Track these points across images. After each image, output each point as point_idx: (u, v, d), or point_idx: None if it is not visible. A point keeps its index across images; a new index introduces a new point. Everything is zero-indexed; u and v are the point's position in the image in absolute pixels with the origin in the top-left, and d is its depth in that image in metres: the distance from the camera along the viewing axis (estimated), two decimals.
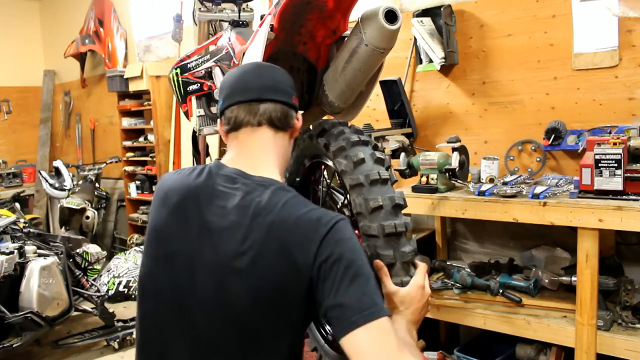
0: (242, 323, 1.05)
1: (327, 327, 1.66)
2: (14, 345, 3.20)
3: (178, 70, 2.22)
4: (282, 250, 1.02)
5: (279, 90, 1.19)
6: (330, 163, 1.44)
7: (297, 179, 1.67)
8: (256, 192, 1.09)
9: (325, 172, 1.73)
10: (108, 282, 4.56)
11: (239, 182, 1.12)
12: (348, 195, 1.59)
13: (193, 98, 2.25)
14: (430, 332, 3.09)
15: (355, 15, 1.49)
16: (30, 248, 3.44)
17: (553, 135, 2.62)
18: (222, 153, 4.11)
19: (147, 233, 1.18)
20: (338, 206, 1.63)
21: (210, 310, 1.07)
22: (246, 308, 1.04)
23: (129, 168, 5.69)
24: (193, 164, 3.14)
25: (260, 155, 1.18)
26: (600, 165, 2.08)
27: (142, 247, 1.66)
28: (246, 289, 1.04)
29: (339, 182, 1.74)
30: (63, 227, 5.01)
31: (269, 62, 1.63)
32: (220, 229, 1.08)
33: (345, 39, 1.50)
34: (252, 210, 1.06)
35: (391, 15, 1.34)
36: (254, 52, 1.52)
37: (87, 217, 4.97)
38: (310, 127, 1.59)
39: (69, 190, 5.10)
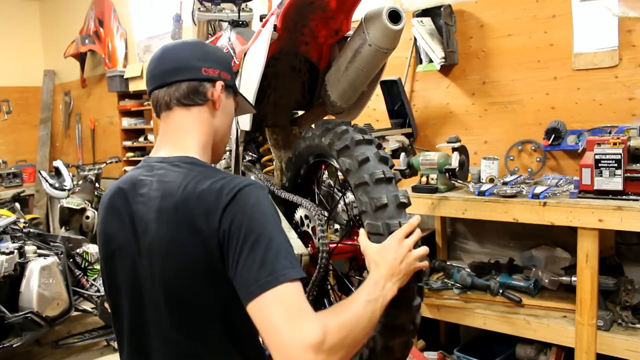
0: (177, 302, 1.09)
1: None
2: (14, 345, 3.19)
3: None
4: (191, 226, 1.05)
5: (181, 70, 1.20)
6: (333, 162, 1.44)
7: (299, 179, 1.67)
8: (169, 174, 1.13)
9: (326, 172, 1.73)
10: None
11: (155, 168, 1.17)
12: (349, 195, 1.60)
13: None
14: (430, 332, 3.09)
15: (358, 15, 1.49)
16: (30, 248, 3.44)
17: (553, 135, 2.62)
18: None
19: (97, 238, 1.25)
20: (339, 206, 1.63)
21: (153, 296, 1.12)
22: (177, 287, 1.09)
23: (129, 168, 5.69)
24: None
25: (176, 136, 1.21)
26: (600, 165, 2.09)
27: None
28: (171, 269, 1.08)
29: (339, 182, 1.74)
30: (63, 227, 5.01)
31: (271, 62, 1.64)
32: (142, 216, 1.13)
33: (348, 39, 1.50)
34: (163, 193, 1.10)
35: (394, 16, 1.34)
36: (257, 52, 1.52)
37: (87, 217, 4.96)
38: (313, 126, 1.59)
39: (69, 190, 5.10)
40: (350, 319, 1.01)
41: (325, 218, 1.64)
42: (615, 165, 2.06)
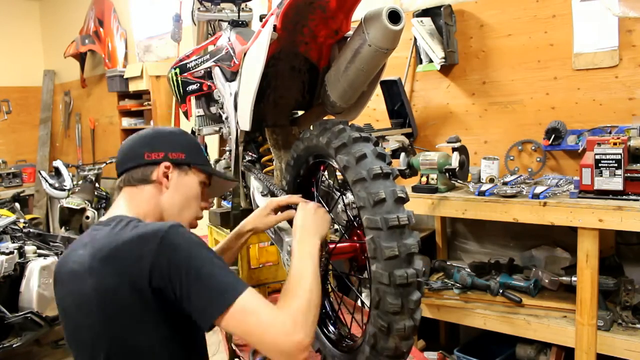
0: (114, 351, 1.17)
1: (331, 327, 1.66)
2: (14, 345, 3.20)
3: (177, 70, 2.22)
4: (120, 279, 1.12)
5: (127, 159, 1.36)
6: (331, 161, 1.45)
7: (298, 180, 1.67)
8: (99, 233, 1.22)
9: (325, 173, 1.73)
10: None
11: (92, 230, 1.28)
12: (349, 194, 1.60)
13: (192, 98, 2.25)
14: (430, 332, 3.09)
15: (357, 15, 1.49)
16: (30, 248, 3.44)
17: (553, 135, 2.62)
18: (221, 153, 4.12)
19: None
20: (339, 206, 1.63)
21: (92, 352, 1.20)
22: (114, 340, 1.16)
23: None
24: None
25: (118, 208, 1.34)
26: (600, 165, 2.09)
27: None
28: (104, 328, 1.16)
29: (339, 182, 1.74)
30: (63, 227, 5.01)
31: (271, 62, 1.64)
32: (74, 280, 1.20)
33: (348, 39, 1.50)
34: (90, 254, 1.17)
35: (394, 16, 1.34)
36: (257, 52, 1.52)
37: (87, 217, 4.96)
38: (311, 127, 1.59)
39: (69, 190, 5.10)
40: (301, 287, 1.17)
41: None
42: (616, 165, 2.06)
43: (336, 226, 1.72)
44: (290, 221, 1.59)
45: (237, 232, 1.63)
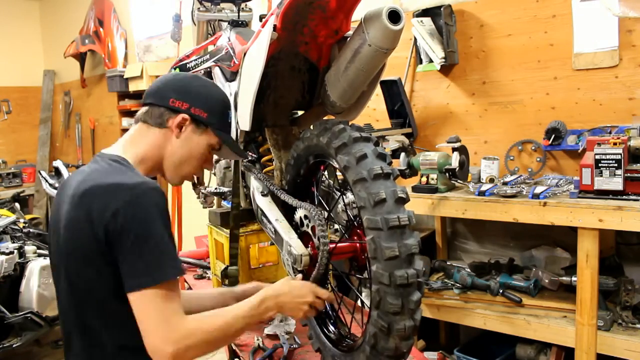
0: (70, 279, 1.25)
1: (331, 327, 1.66)
2: (14, 345, 3.20)
3: (177, 70, 2.22)
4: (87, 215, 1.18)
5: (155, 95, 1.39)
6: (332, 161, 1.45)
7: (299, 180, 1.67)
8: (92, 166, 1.29)
9: (325, 172, 1.73)
10: None
11: (94, 162, 1.32)
12: (349, 194, 1.60)
13: None
14: (430, 332, 3.09)
15: (357, 15, 1.49)
16: (30, 248, 3.44)
17: (553, 135, 2.62)
18: None
19: None
20: (339, 206, 1.63)
21: (57, 273, 1.31)
22: (69, 267, 1.25)
23: None
24: None
25: (125, 143, 1.38)
26: (600, 165, 2.09)
27: None
28: (66, 252, 1.24)
29: (339, 182, 1.74)
30: None
31: (271, 62, 1.64)
32: (64, 202, 1.28)
33: (348, 39, 1.50)
34: (79, 181, 1.24)
35: (394, 16, 1.34)
36: (257, 52, 1.52)
37: None
38: (311, 127, 1.59)
39: None
40: (220, 328, 1.22)
41: (325, 218, 1.64)
42: (616, 165, 2.06)
43: (336, 226, 1.72)
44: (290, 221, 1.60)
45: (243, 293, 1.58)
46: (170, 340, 1.13)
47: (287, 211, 1.70)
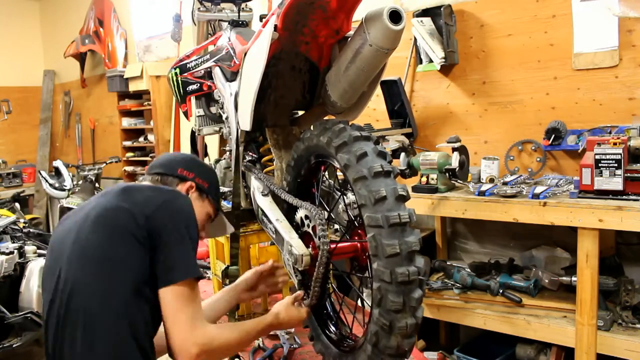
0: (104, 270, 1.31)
1: (332, 328, 1.66)
2: (14, 345, 3.19)
3: (177, 70, 2.22)
4: (128, 205, 1.30)
5: (163, 166, 1.58)
6: (332, 161, 1.45)
7: (299, 180, 1.67)
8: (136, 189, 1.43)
9: (326, 173, 1.73)
10: None
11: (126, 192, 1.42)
12: (349, 194, 1.60)
13: (192, 98, 2.25)
14: (430, 332, 3.09)
15: (358, 15, 1.49)
16: (30, 248, 3.43)
17: (553, 135, 2.62)
18: (221, 153, 4.12)
19: None
20: (340, 206, 1.63)
21: (58, 274, 1.35)
22: (95, 251, 1.32)
23: (129, 168, 5.69)
24: None
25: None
26: (600, 165, 2.09)
27: None
28: (92, 238, 1.32)
29: (339, 182, 1.74)
30: None
31: (272, 61, 1.64)
32: (92, 209, 1.37)
33: (349, 39, 1.50)
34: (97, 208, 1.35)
35: (395, 16, 1.34)
36: (258, 52, 1.52)
37: None
38: (311, 127, 1.59)
39: (69, 190, 5.10)
40: (235, 339, 1.35)
41: (326, 218, 1.64)
42: (616, 165, 2.06)
43: (337, 226, 1.72)
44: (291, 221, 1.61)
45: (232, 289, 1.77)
46: (197, 343, 1.23)
47: (288, 211, 1.70)
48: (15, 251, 3.27)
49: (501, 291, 2.50)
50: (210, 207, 1.62)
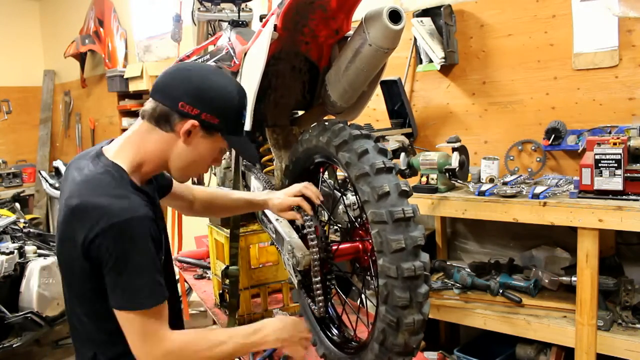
0: (67, 281, 1.33)
1: (334, 331, 1.66)
2: (14, 345, 3.20)
3: None
4: (72, 231, 1.21)
5: (165, 93, 1.28)
6: (333, 160, 1.45)
7: (299, 181, 1.67)
8: (88, 176, 1.26)
9: (326, 174, 1.73)
10: None
11: (95, 161, 1.29)
12: (349, 195, 1.60)
13: None
14: (430, 332, 3.09)
15: (358, 15, 1.49)
16: (30, 248, 3.44)
17: (553, 135, 2.62)
18: None
19: None
20: (340, 206, 1.63)
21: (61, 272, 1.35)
22: (64, 275, 1.32)
23: None
24: None
25: (126, 141, 1.32)
26: (600, 165, 2.09)
27: None
28: (59, 259, 1.32)
29: (339, 183, 1.74)
30: None
31: (272, 62, 1.64)
32: (62, 195, 1.30)
33: (349, 39, 1.51)
34: (72, 189, 1.25)
35: (395, 16, 1.35)
36: (258, 52, 1.53)
37: None
38: (310, 128, 1.59)
39: None
40: (206, 349, 1.24)
41: (325, 221, 1.64)
42: (615, 165, 2.06)
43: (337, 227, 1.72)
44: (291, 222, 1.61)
45: (251, 201, 1.66)
46: (156, 356, 1.20)
47: None
48: (15, 251, 3.28)
49: (501, 291, 2.50)
50: (223, 142, 1.34)
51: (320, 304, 1.46)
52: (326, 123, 1.46)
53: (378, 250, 1.22)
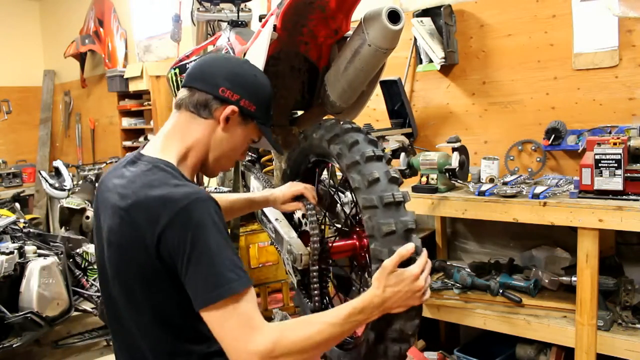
0: (126, 287, 1.20)
1: None
2: (14, 345, 3.19)
3: (177, 70, 2.22)
4: (136, 231, 1.12)
5: (204, 80, 1.26)
6: (327, 157, 1.46)
7: (298, 180, 1.67)
8: (136, 173, 1.20)
9: (325, 172, 1.73)
10: None
11: (135, 164, 1.23)
12: (347, 194, 1.60)
13: None
14: (430, 332, 3.09)
15: (357, 15, 1.49)
16: (30, 248, 3.44)
17: (553, 135, 2.62)
18: None
19: None
20: (339, 205, 1.64)
21: (111, 277, 1.23)
22: (122, 276, 1.20)
23: None
24: None
25: (166, 136, 1.28)
26: (600, 165, 2.08)
27: None
28: (119, 262, 1.19)
29: (339, 182, 1.74)
30: (63, 227, 5.01)
31: (271, 62, 1.64)
32: (107, 207, 1.22)
33: (348, 39, 1.51)
34: (122, 192, 1.17)
35: (394, 16, 1.35)
36: (257, 52, 1.53)
37: (87, 217, 4.96)
38: (307, 129, 1.59)
39: (69, 190, 5.10)
40: (307, 337, 1.09)
41: (322, 218, 1.64)
42: (615, 165, 2.05)
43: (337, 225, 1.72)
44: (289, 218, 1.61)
45: (251, 200, 1.64)
46: (252, 352, 1.04)
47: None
48: (15, 251, 3.28)
49: (501, 291, 2.50)
50: (255, 132, 1.34)
51: (317, 298, 1.47)
52: (321, 122, 1.47)
53: (370, 235, 1.24)
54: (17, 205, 5.33)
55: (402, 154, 2.68)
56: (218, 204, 1.16)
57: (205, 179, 2.93)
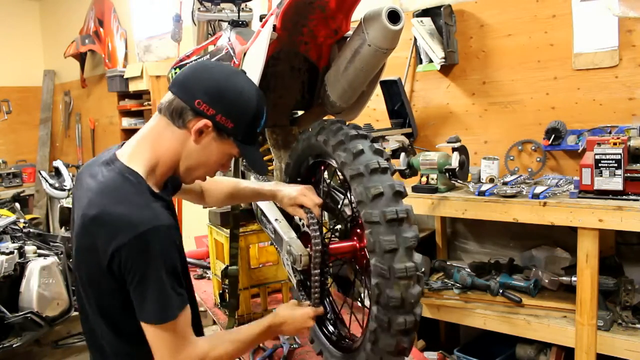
0: (83, 285, 1.28)
1: (331, 328, 1.66)
2: (14, 345, 3.20)
3: (177, 70, 2.22)
4: (93, 243, 1.18)
5: (184, 88, 1.25)
6: (330, 160, 1.45)
7: (298, 180, 1.67)
8: (104, 183, 1.23)
9: (325, 173, 1.73)
10: None
11: (108, 166, 1.26)
12: (348, 194, 1.60)
13: None
14: (430, 332, 3.09)
15: (357, 15, 1.49)
16: (30, 248, 3.44)
17: (553, 135, 2.62)
18: None
19: None
20: (339, 206, 1.63)
21: (79, 283, 1.31)
22: (81, 274, 1.28)
23: None
24: None
25: (139, 142, 1.29)
26: (600, 165, 2.09)
27: None
28: (76, 263, 1.29)
29: (339, 182, 1.74)
30: (63, 227, 5.01)
31: (271, 62, 1.64)
32: (78, 207, 1.27)
33: (348, 39, 1.51)
34: (91, 197, 1.21)
35: (394, 16, 1.34)
36: (257, 52, 1.52)
37: None
38: (309, 128, 1.59)
39: (69, 190, 5.09)
40: (229, 352, 1.30)
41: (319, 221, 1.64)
42: (615, 165, 2.05)
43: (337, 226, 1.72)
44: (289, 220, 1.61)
45: (258, 191, 1.65)
46: None
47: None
48: (15, 251, 3.28)
49: (501, 291, 2.50)
50: (233, 149, 1.30)
51: (317, 300, 1.47)
52: (324, 123, 1.46)
53: (371, 250, 1.23)
54: (17, 205, 5.34)
55: (402, 154, 2.68)
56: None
57: None
